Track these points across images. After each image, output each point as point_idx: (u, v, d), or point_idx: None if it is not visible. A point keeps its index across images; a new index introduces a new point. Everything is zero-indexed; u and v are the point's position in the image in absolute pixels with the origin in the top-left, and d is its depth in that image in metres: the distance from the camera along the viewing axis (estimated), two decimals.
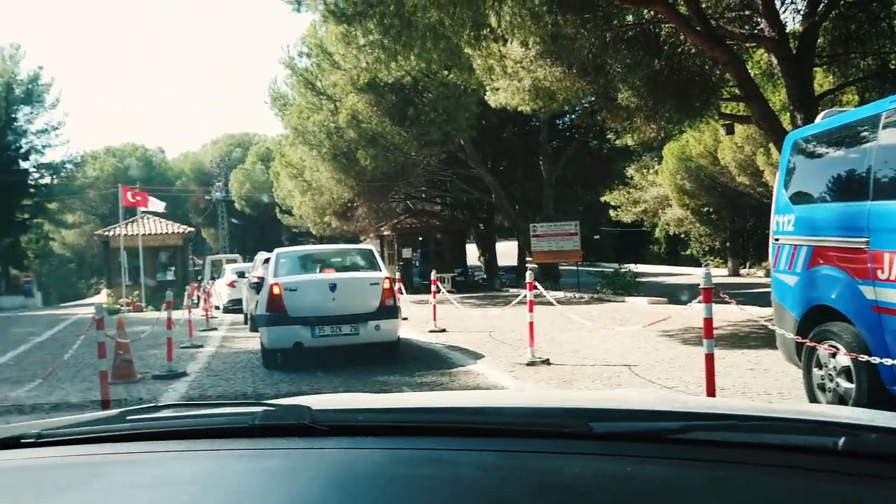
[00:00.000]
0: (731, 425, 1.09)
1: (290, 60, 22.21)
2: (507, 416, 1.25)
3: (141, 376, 8.30)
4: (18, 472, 1.14)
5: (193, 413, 1.39)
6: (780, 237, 5.33)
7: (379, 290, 8.24)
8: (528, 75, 12.74)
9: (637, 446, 1.03)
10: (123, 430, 1.27)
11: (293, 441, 1.15)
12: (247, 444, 1.16)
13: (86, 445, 1.22)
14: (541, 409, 1.32)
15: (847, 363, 4.41)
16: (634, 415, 1.18)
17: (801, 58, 11.35)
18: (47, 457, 1.20)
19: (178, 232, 30.15)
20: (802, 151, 5.29)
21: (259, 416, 1.19)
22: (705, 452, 0.99)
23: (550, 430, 1.10)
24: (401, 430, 1.18)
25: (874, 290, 4.18)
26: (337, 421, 1.22)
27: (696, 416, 1.15)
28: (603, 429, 1.07)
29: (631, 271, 19.43)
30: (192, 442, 1.20)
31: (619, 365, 7.68)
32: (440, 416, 1.26)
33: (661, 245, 42.78)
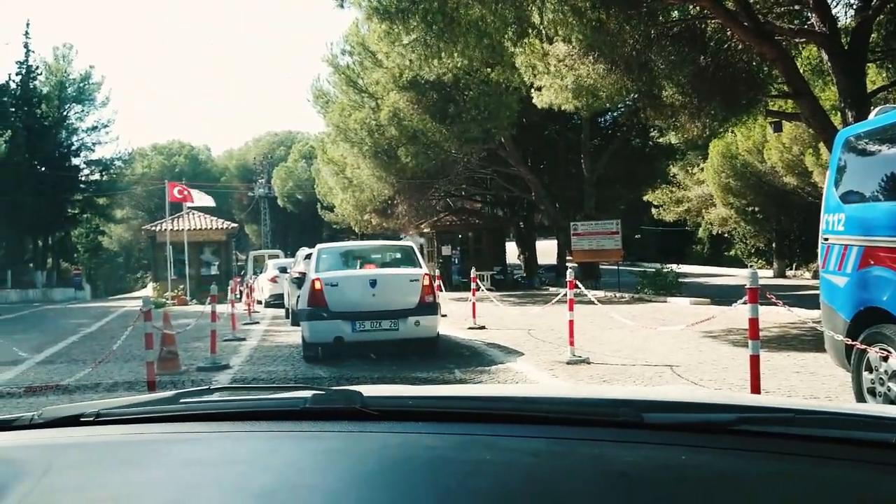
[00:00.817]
0: (787, 418, 1.09)
1: (333, 58, 22.43)
2: (558, 404, 1.25)
3: (185, 368, 8.47)
4: (78, 448, 1.17)
5: (246, 395, 1.41)
6: (830, 237, 5.20)
7: (419, 287, 8.28)
8: (571, 73, 12.66)
9: (690, 436, 1.03)
10: (178, 411, 1.29)
11: (344, 424, 1.16)
12: (298, 426, 1.18)
13: (141, 424, 1.26)
14: (591, 399, 1.33)
15: None
16: (686, 406, 1.18)
17: (853, 53, 11.10)
18: (105, 435, 1.23)
19: (222, 228, 30.68)
20: (854, 149, 5.15)
21: (310, 399, 1.21)
22: (760, 444, 0.99)
23: (602, 418, 1.11)
24: (452, 417, 1.18)
25: None
26: (387, 406, 1.23)
27: (748, 409, 1.15)
28: (655, 419, 1.07)
29: (673, 271, 19.18)
30: (245, 423, 1.23)
31: (660, 365, 7.58)
32: (491, 404, 1.26)
33: (703, 245, 42.10)
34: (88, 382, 7.52)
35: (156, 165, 58.39)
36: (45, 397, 6.86)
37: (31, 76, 37.70)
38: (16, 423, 1.29)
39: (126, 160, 42.90)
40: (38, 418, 1.28)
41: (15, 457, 1.10)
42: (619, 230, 20.13)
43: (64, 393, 7.07)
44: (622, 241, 20.60)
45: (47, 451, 1.14)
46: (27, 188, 33.68)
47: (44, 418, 1.29)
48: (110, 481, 1.01)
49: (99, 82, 39.62)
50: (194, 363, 8.87)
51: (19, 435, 1.25)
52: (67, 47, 39.49)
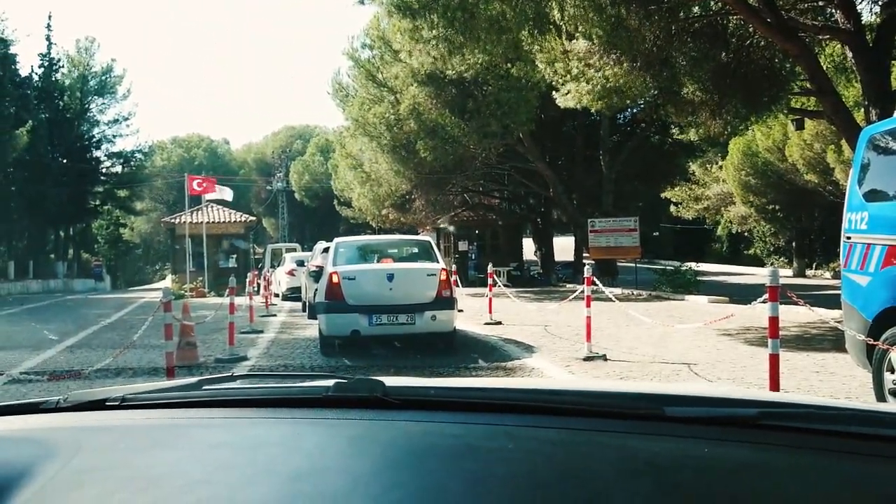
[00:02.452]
0: (808, 413, 1.09)
1: (353, 52, 22.51)
2: (581, 396, 1.26)
3: (203, 359, 8.55)
4: (104, 431, 1.18)
5: (268, 383, 1.43)
6: (853, 235, 5.15)
7: (436, 281, 8.29)
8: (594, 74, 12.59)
9: (711, 430, 1.03)
10: (202, 397, 1.31)
11: (366, 413, 1.17)
12: (320, 413, 1.19)
13: (166, 409, 1.28)
14: (613, 392, 1.33)
15: None
16: (707, 400, 1.18)
17: (877, 50, 10.96)
18: (130, 418, 1.25)
19: (240, 221, 30.89)
20: (878, 147, 5.09)
21: (333, 387, 1.22)
22: (782, 438, 0.99)
23: (624, 410, 1.11)
24: (474, 407, 1.18)
25: None
26: (409, 395, 1.23)
27: (769, 405, 1.15)
28: (676, 412, 1.07)
29: (691, 269, 19.05)
30: (268, 410, 1.24)
31: (678, 363, 7.55)
32: (514, 395, 1.27)
33: (722, 243, 41.78)
34: (108, 371, 7.61)
35: (175, 158, 58.91)
36: (66, 384, 6.96)
37: (54, 69, 38.15)
38: (43, 406, 1.31)
39: (146, 153, 43.35)
40: (64, 402, 1.30)
41: (43, 439, 1.11)
42: (636, 227, 20.00)
43: (85, 380, 7.17)
44: (640, 238, 20.48)
45: (74, 433, 1.16)
46: (49, 180, 34.14)
47: (70, 402, 1.30)
48: (138, 462, 1.02)
49: (120, 75, 40.03)
50: (212, 354, 8.96)
51: (47, 418, 1.27)
52: (90, 40, 39.94)
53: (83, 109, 39.08)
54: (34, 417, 1.29)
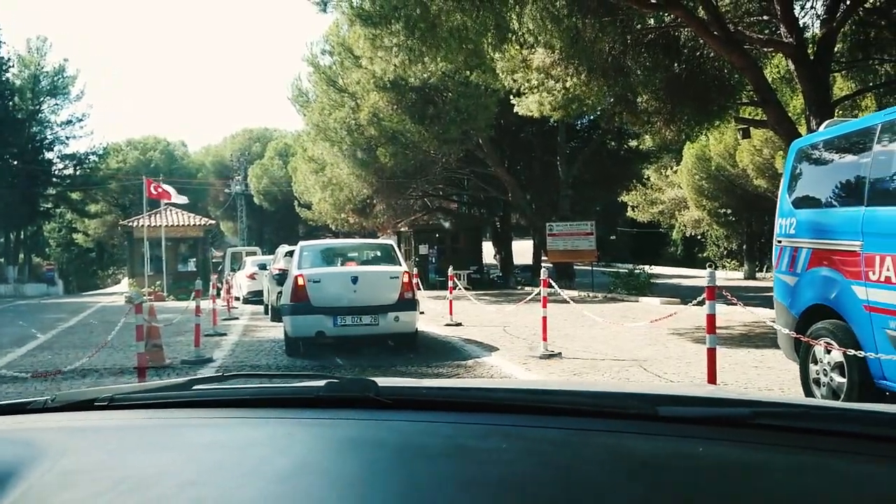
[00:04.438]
0: (801, 413, 1.10)
1: (313, 58, 22.60)
2: (574, 396, 1.27)
3: (170, 361, 8.67)
4: (93, 431, 1.18)
5: (259, 383, 1.44)
6: (783, 240, 5.61)
7: (398, 284, 8.56)
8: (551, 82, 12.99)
9: (704, 429, 1.04)
10: (191, 397, 1.31)
11: (358, 413, 1.18)
12: (312, 413, 1.20)
13: (155, 410, 1.28)
14: (606, 392, 1.34)
15: (840, 359, 4.69)
16: (700, 401, 1.19)
17: (818, 63, 11.36)
18: (119, 419, 1.26)
19: (199, 224, 30.69)
20: (805, 158, 5.55)
21: (324, 387, 1.23)
22: (775, 438, 1.00)
23: (618, 410, 1.12)
24: (466, 407, 1.19)
25: (866, 291, 4.46)
26: (401, 395, 1.24)
27: (762, 405, 1.16)
28: (670, 412, 1.08)
29: (645, 272, 19.63)
30: (259, 410, 1.24)
31: (628, 360, 7.96)
32: (506, 394, 1.28)
33: (677, 246, 42.77)
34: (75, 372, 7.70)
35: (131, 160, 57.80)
36: (34, 385, 7.04)
37: (4, 68, 37.28)
38: (31, 406, 1.31)
39: (101, 155, 42.58)
40: (52, 402, 1.30)
41: (30, 439, 1.11)
42: (593, 231, 20.56)
43: (51, 382, 7.26)
44: (597, 241, 21.03)
45: (63, 434, 1.15)
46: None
47: (58, 402, 1.30)
48: (127, 463, 1.02)
49: (73, 76, 39.28)
50: (177, 356, 9.07)
51: (34, 418, 1.27)
52: (41, 40, 39.14)
53: (35, 110, 38.27)
54: (22, 417, 1.28)
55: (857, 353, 4.37)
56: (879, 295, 4.34)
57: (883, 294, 4.30)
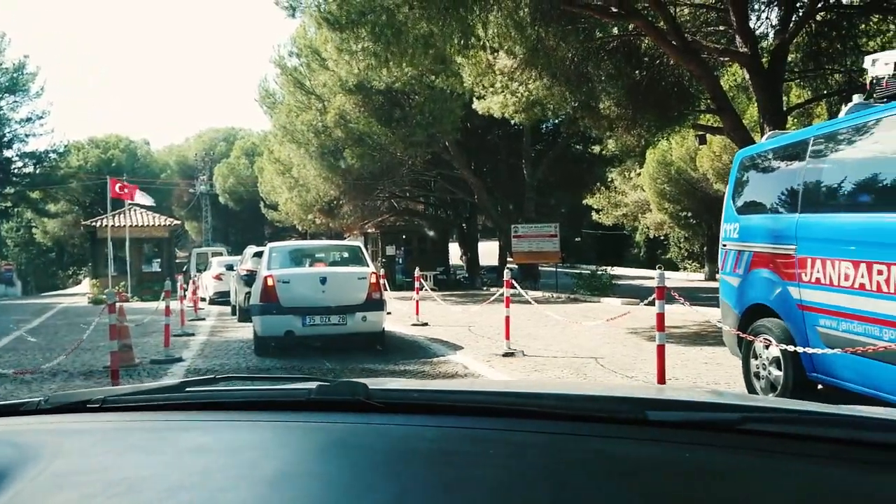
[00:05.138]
0: (792, 418, 1.11)
1: (280, 59, 22.66)
2: (563, 400, 1.27)
3: (139, 361, 8.77)
4: (84, 434, 1.18)
5: (251, 385, 1.47)
6: (728, 243, 5.99)
7: (366, 284, 8.79)
8: (515, 86, 13.31)
9: (694, 434, 1.04)
10: (184, 399, 1.32)
11: (348, 416, 1.19)
12: (303, 417, 1.21)
13: (147, 412, 1.29)
14: (596, 395, 1.34)
15: (777, 354, 5.06)
16: (690, 405, 1.20)
17: (771, 72, 11.77)
18: (112, 421, 1.26)
19: (164, 224, 30.44)
20: (748, 168, 5.93)
21: (315, 390, 1.24)
22: (765, 443, 1.00)
23: (607, 415, 1.12)
24: (456, 410, 1.20)
25: (799, 291, 4.84)
26: (392, 398, 1.24)
27: (753, 409, 1.16)
28: (659, 416, 1.09)
29: (607, 273, 20.08)
30: (250, 413, 1.26)
31: (587, 357, 8.30)
32: (496, 398, 1.28)
33: (640, 248, 43.53)
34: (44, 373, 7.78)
35: (92, 159, 56.81)
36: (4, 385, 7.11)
37: None
38: (23, 408, 1.32)
39: (61, 153, 41.75)
40: (45, 404, 1.30)
41: (23, 441, 1.11)
42: (557, 233, 20.96)
43: (21, 383, 7.33)
44: (562, 243, 21.44)
45: (55, 435, 1.15)
46: None
47: (51, 404, 1.30)
48: (118, 466, 1.02)
49: (34, 73, 38.48)
50: (147, 356, 9.17)
51: (27, 420, 1.28)
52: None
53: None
54: (14, 419, 1.28)
55: (792, 348, 4.73)
56: (811, 295, 4.72)
57: (814, 294, 4.68)
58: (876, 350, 3.99)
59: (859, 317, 4.25)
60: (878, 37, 13.77)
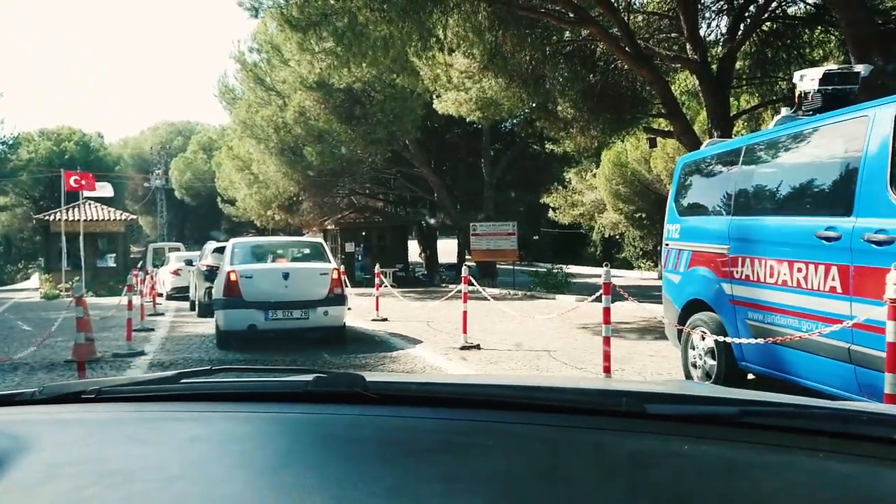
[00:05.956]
0: (789, 412, 1.12)
1: (241, 55, 22.65)
2: (562, 393, 1.28)
3: (101, 354, 8.83)
4: (79, 424, 1.18)
5: (247, 377, 1.48)
6: (670, 243, 6.41)
7: (328, 280, 9.03)
8: (473, 85, 13.64)
9: (692, 427, 1.06)
10: (179, 390, 1.32)
11: (345, 408, 1.18)
12: (299, 408, 1.21)
13: (143, 403, 1.29)
14: (595, 389, 1.36)
15: (712, 345, 5.49)
16: (688, 399, 1.21)
17: (720, 79, 12.25)
18: (107, 412, 1.26)
19: (119, 219, 30.05)
20: (689, 173, 6.37)
21: (312, 382, 1.23)
22: (762, 437, 1.01)
23: (605, 408, 1.13)
24: (454, 402, 1.20)
25: (731, 287, 5.27)
26: (389, 390, 1.25)
27: (750, 403, 1.18)
28: (658, 409, 1.09)
29: (563, 271, 20.57)
30: (247, 404, 1.25)
31: (540, 350, 8.67)
32: (494, 391, 1.29)
33: (596, 247, 44.30)
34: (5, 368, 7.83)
35: (43, 151, 55.48)
36: None
37: None
38: (18, 398, 1.33)
39: (10, 145, 40.85)
40: (39, 395, 1.31)
41: (17, 431, 1.10)
42: (515, 232, 21.37)
43: None
44: (520, 241, 21.85)
45: (50, 426, 1.16)
46: None
47: (45, 394, 1.31)
48: (113, 457, 1.02)
49: None
50: (108, 350, 9.23)
51: (21, 410, 1.28)
52: None
53: None
54: (8, 409, 1.28)
55: (724, 339, 5.16)
56: (741, 290, 5.15)
57: (744, 290, 5.11)
58: (793, 339, 4.41)
59: (782, 310, 4.68)
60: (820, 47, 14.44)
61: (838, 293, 4.13)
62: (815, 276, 4.33)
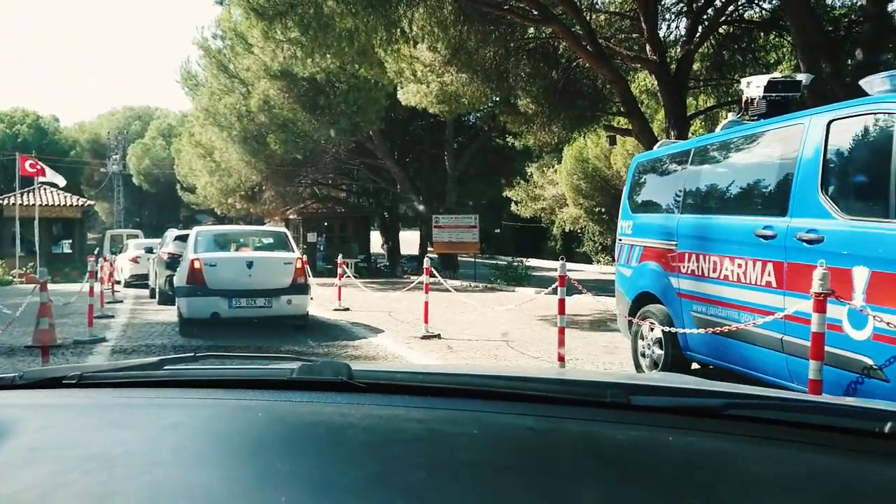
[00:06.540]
0: (774, 405, 1.13)
1: (204, 41, 22.39)
2: (548, 383, 1.28)
3: (61, 341, 8.82)
4: (59, 409, 1.17)
5: (231, 364, 1.47)
6: (623, 238, 6.71)
7: (292, 269, 9.16)
8: (436, 78, 13.81)
9: (676, 419, 1.06)
10: (163, 377, 1.31)
11: (331, 396, 1.18)
12: (284, 396, 1.19)
13: (125, 389, 1.28)
14: (580, 380, 1.36)
15: (660, 335, 5.80)
16: (673, 391, 1.22)
17: (677, 80, 12.63)
18: (88, 398, 1.25)
19: (76, 204, 29.53)
20: (642, 171, 6.67)
21: (297, 370, 1.23)
22: (746, 428, 1.02)
23: (591, 399, 1.13)
24: (440, 392, 1.19)
25: (678, 281, 5.58)
26: (375, 379, 1.24)
27: (735, 396, 1.18)
28: (642, 401, 1.10)
29: (523, 264, 20.92)
30: (231, 391, 1.24)
31: (499, 340, 8.94)
32: (480, 380, 1.28)
33: (557, 241, 44.86)
34: None
35: None
36: None
37: None
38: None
39: None
40: (20, 379, 1.29)
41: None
42: (477, 224, 21.60)
43: None
44: (481, 235, 22.09)
45: (30, 411, 1.15)
46: None
47: (26, 379, 1.30)
48: (94, 442, 1.01)
49: None
50: (68, 337, 9.22)
51: (1, 395, 1.27)
52: None
53: None
54: None
55: (670, 329, 5.47)
56: (687, 284, 5.46)
57: (689, 283, 5.42)
58: (733, 330, 4.73)
59: (723, 303, 4.99)
60: (774, 51, 14.93)
61: (773, 287, 4.45)
62: (753, 271, 4.65)
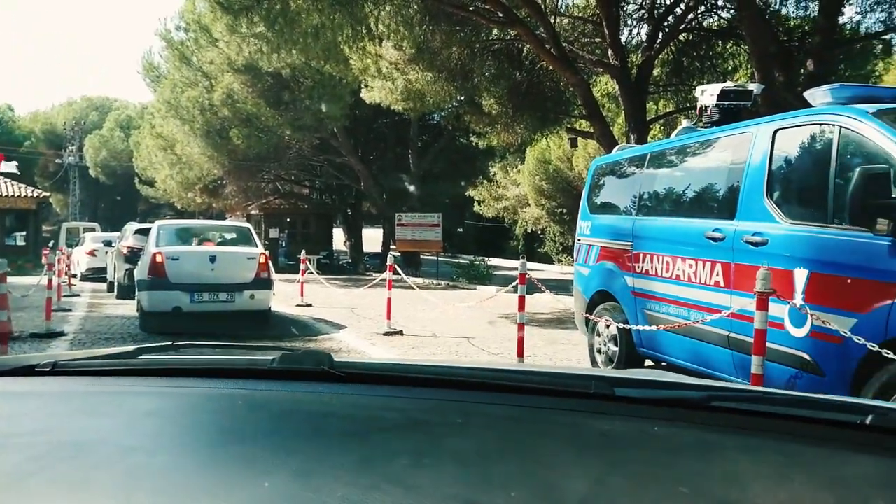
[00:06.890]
0: (756, 397, 1.14)
1: (167, 33, 22.12)
2: (532, 375, 1.28)
3: (17, 333, 8.70)
4: (31, 397, 1.15)
5: (210, 353, 1.46)
6: (582, 238, 6.91)
7: (255, 264, 9.18)
8: (400, 77, 13.90)
9: (660, 411, 1.07)
10: (139, 366, 1.29)
11: (311, 385, 1.17)
12: (264, 385, 1.18)
13: (100, 377, 1.26)
14: (565, 372, 1.36)
15: (615, 332, 6.01)
16: (657, 384, 1.23)
17: (638, 85, 12.94)
18: (61, 386, 1.23)
19: (30, 196, 28.85)
20: (601, 174, 6.88)
21: (278, 359, 1.22)
22: (729, 420, 1.03)
23: (576, 390, 1.14)
24: (422, 382, 1.18)
25: (633, 280, 5.80)
26: (356, 369, 1.23)
27: (718, 389, 1.20)
28: (626, 393, 1.11)
29: (485, 263, 21.17)
30: (209, 380, 1.22)
31: (461, 337, 9.10)
32: (461, 371, 1.27)
33: (519, 241, 45.27)
34: None
35: None
36: None
37: None
38: None
39: None
40: None
41: None
42: (439, 223, 21.78)
43: None
44: (444, 233, 22.27)
45: (1, 398, 1.14)
46: None
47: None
48: (66, 429, 0.99)
49: None
50: (25, 330, 9.09)
51: None
52: None
53: None
54: None
55: (625, 326, 5.68)
56: (641, 283, 5.68)
57: (643, 283, 5.64)
58: (683, 327, 4.95)
59: (675, 301, 5.21)
60: (731, 59, 15.38)
61: (721, 287, 4.68)
62: (703, 271, 4.87)
